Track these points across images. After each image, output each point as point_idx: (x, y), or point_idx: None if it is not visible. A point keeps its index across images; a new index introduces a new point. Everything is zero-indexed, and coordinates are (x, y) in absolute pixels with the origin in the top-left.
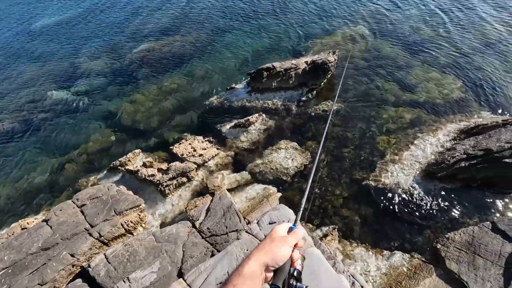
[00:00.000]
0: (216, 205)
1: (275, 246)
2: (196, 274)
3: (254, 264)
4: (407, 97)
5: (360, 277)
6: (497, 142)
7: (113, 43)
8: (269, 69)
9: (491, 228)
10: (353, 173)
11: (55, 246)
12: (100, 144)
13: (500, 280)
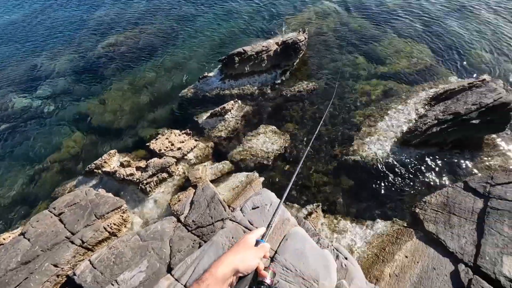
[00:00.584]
0: (199, 197)
1: (248, 255)
2: (184, 268)
3: (227, 268)
4: (378, 70)
5: (344, 249)
6: (464, 105)
7: (76, 40)
8: (240, 53)
9: (463, 187)
10: (332, 150)
11: (35, 258)
12: (73, 148)
13: (474, 235)
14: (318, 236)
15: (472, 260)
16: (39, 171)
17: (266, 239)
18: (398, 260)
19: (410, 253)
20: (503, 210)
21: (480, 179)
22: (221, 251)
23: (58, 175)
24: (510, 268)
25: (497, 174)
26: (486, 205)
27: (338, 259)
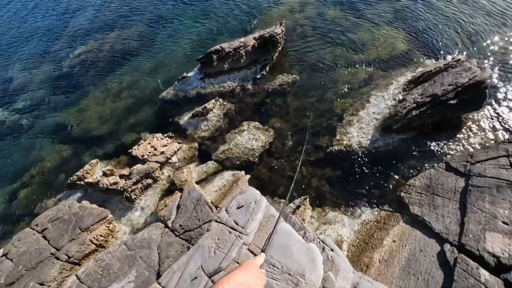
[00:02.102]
0: (185, 200)
1: (256, 280)
2: (170, 275)
3: (236, 287)
4: (358, 58)
5: (330, 241)
6: (441, 86)
7: (48, 49)
8: (218, 51)
9: (445, 168)
10: (316, 142)
11: (20, 279)
12: (53, 161)
13: (457, 214)
14: (305, 230)
15: (456, 239)
16: (18, 187)
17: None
18: (386, 245)
19: (397, 237)
20: (483, 187)
21: (460, 158)
22: (207, 255)
23: (40, 190)
24: (493, 243)
25: (476, 152)
26: (468, 183)
27: (324, 251)
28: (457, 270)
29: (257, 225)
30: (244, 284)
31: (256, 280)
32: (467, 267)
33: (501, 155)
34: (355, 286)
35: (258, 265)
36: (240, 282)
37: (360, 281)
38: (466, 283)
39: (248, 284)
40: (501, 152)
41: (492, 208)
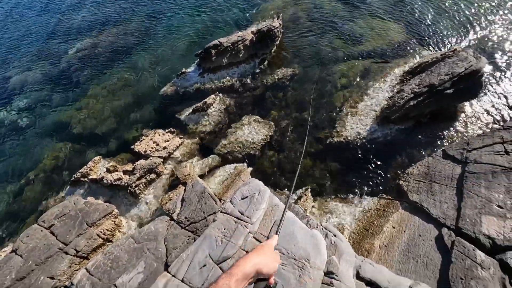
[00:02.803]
0: (190, 193)
1: (271, 259)
2: (179, 264)
3: (253, 267)
4: (355, 50)
5: (332, 227)
6: (438, 76)
7: (45, 47)
8: (216, 46)
9: (442, 156)
10: (316, 134)
11: (30, 273)
12: (56, 159)
13: (454, 199)
14: (307, 218)
15: (454, 223)
16: (23, 186)
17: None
18: (386, 232)
19: (397, 223)
20: (479, 173)
21: (457, 146)
22: (214, 244)
23: (44, 188)
24: (488, 226)
25: (472, 139)
26: (464, 170)
27: (327, 237)
28: (454, 252)
29: (262, 214)
30: (260, 264)
31: (272, 260)
32: (464, 249)
33: (496, 142)
34: (358, 268)
35: (272, 246)
36: (256, 263)
37: (362, 264)
38: (463, 264)
39: (264, 264)
40: (496, 139)
41: (487, 193)
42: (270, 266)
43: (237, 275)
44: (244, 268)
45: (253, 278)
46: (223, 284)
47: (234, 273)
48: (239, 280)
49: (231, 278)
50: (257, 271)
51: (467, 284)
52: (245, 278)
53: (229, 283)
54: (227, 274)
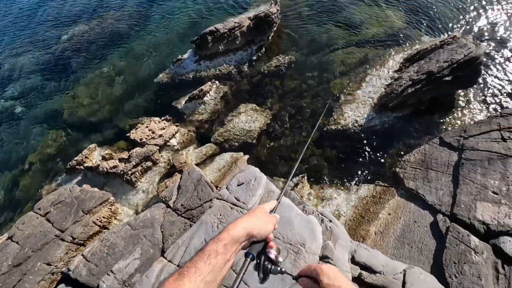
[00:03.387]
0: (186, 181)
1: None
2: (175, 249)
3: (243, 231)
4: (354, 37)
5: (328, 213)
6: (436, 63)
7: (37, 34)
8: (212, 32)
9: (439, 143)
10: (313, 122)
11: (27, 260)
12: (50, 148)
13: (450, 186)
14: (303, 204)
15: (449, 210)
16: (18, 174)
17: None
18: (382, 218)
19: (392, 210)
20: (476, 160)
21: (454, 133)
22: (210, 229)
23: (39, 176)
24: (483, 212)
25: (469, 127)
26: (461, 157)
27: (323, 222)
28: (449, 238)
29: (258, 200)
30: (251, 227)
31: (264, 222)
32: (458, 234)
33: (493, 129)
34: (353, 253)
35: (265, 209)
36: (246, 226)
37: (357, 249)
38: (457, 249)
39: (255, 227)
40: (493, 126)
41: (483, 180)
42: (262, 228)
43: (226, 240)
44: (233, 232)
45: (245, 242)
46: (210, 249)
47: (222, 238)
48: (227, 245)
49: (219, 243)
50: (248, 234)
51: (460, 268)
52: (235, 242)
53: (216, 248)
54: (215, 239)
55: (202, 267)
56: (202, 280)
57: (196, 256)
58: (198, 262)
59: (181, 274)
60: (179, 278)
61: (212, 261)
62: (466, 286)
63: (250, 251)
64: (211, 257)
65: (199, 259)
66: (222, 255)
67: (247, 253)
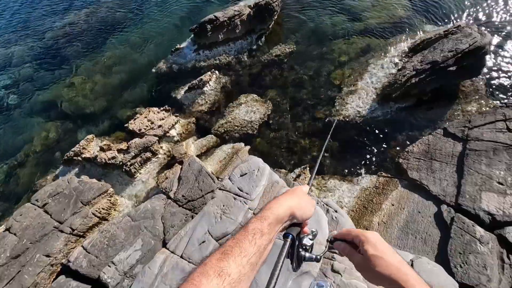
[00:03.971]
0: (186, 172)
1: (305, 202)
2: (178, 240)
3: (288, 211)
4: (355, 26)
5: (333, 203)
6: (441, 53)
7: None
8: (212, 20)
9: (443, 134)
10: (315, 113)
11: (25, 251)
12: (46, 139)
13: (454, 177)
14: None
15: (453, 200)
16: (14, 167)
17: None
18: (385, 209)
19: (396, 201)
20: (481, 151)
21: (458, 124)
22: (213, 220)
23: (36, 168)
24: (488, 202)
25: (474, 117)
26: (465, 147)
27: (328, 213)
28: (453, 228)
29: (262, 191)
30: (294, 207)
31: (307, 203)
32: (463, 225)
33: (499, 119)
34: None
35: (305, 191)
36: (290, 205)
37: None
38: (462, 239)
39: (299, 207)
40: (498, 117)
41: (488, 170)
42: (306, 210)
43: (270, 219)
44: (277, 211)
45: (287, 223)
46: (254, 228)
47: (266, 216)
48: (272, 224)
49: (263, 222)
50: (291, 214)
51: (465, 258)
52: (278, 222)
53: (261, 228)
54: (258, 217)
55: (247, 247)
56: (248, 262)
57: (239, 234)
58: (243, 241)
59: (225, 254)
60: (223, 258)
61: (257, 242)
62: (471, 276)
63: (290, 232)
64: (256, 237)
65: (243, 238)
66: (267, 235)
67: (287, 234)
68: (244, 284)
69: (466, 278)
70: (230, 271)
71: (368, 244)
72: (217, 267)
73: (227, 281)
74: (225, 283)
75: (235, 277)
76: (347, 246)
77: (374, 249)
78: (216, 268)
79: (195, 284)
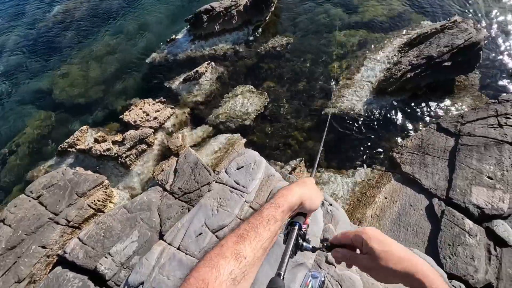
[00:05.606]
0: (182, 164)
1: (315, 192)
2: (175, 232)
3: (299, 199)
4: (353, 19)
5: (328, 197)
6: (437, 48)
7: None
8: (208, 11)
9: (436, 129)
10: (311, 105)
11: (21, 243)
12: (39, 129)
13: (446, 171)
14: None
15: (444, 194)
16: (5, 156)
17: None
18: (378, 202)
19: (389, 194)
20: (472, 146)
21: (451, 119)
22: (210, 213)
23: (28, 158)
24: (478, 196)
25: (467, 112)
26: (457, 142)
27: (323, 206)
28: (443, 221)
29: (258, 184)
30: (305, 196)
31: (317, 195)
32: (453, 217)
33: (491, 115)
34: None
35: (312, 180)
36: (301, 194)
37: None
38: (451, 232)
39: (309, 197)
40: (490, 112)
41: (478, 165)
42: (314, 200)
43: (283, 206)
44: (290, 199)
45: (296, 211)
46: (269, 214)
47: (280, 204)
48: (284, 212)
49: (277, 209)
50: (301, 203)
51: (454, 250)
52: (290, 210)
53: (275, 214)
54: (272, 204)
55: (262, 233)
56: (262, 247)
57: (254, 219)
58: (258, 226)
59: (241, 237)
60: (240, 241)
61: (271, 228)
62: (459, 266)
63: (297, 221)
64: (270, 223)
65: (258, 223)
66: (280, 222)
67: (294, 222)
68: (256, 267)
69: (454, 269)
70: (246, 254)
71: (373, 241)
72: (234, 249)
73: (243, 264)
74: (241, 265)
75: (250, 260)
76: (346, 251)
77: (381, 245)
78: (233, 250)
79: (213, 265)
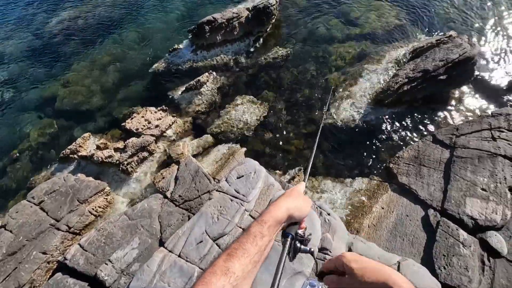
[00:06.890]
0: (183, 172)
1: (302, 202)
2: (176, 240)
3: (285, 213)
4: (351, 32)
5: (326, 206)
6: (432, 62)
7: (24, 18)
8: (210, 22)
9: (432, 140)
10: (310, 115)
11: (22, 248)
12: (42, 136)
13: (441, 182)
14: None
15: (439, 205)
16: (8, 163)
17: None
18: (375, 212)
19: (386, 204)
20: (466, 158)
21: (446, 131)
22: (210, 221)
23: (31, 165)
24: (472, 208)
25: (461, 125)
26: (452, 154)
27: (321, 215)
28: (439, 232)
29: (258, 193)
30: (292, 209)
31: (303, 203)
32: (448, 228)
33: (484, 128)
34: (350, 245)
35: (301, 191)
36: (288, 207)
37: (354, 241)
38: (446, 242)
39: (296, 208)
40: (484, 126)
41: (473, 177)
42: (302, 209)
43: (269, 222)
44: (276, 214)
45: (285, 223)
46: (255, 231)
47: (266, 220)
48: (271, 227)
49: (263, 225)
50: (289, 216)
51: (449, 260)
52: (278, 224)
53: (261, 230)
54: (259, 221)
55: (249, 249)
56: (251, 261)
57: (242, 237)
58: (245, 243)
59: (230, 255)
60: (229, 259)
61: (258, 243)
62: (454, 277)
63: (289, 232)
64: (257, 239)
65: (245, 240)
66: (267, 236)
67: (286, 233)
68: (249, 279)
69: (449, 279)
70: (235, 270)
71: (351, 262)
72: (223, 267)
73: (233, 278)
74: (231, 280)
75: (240, 275)
76: (333, 277)
77: (358, 263)
78: (223, 268)
79: (206, 282)
